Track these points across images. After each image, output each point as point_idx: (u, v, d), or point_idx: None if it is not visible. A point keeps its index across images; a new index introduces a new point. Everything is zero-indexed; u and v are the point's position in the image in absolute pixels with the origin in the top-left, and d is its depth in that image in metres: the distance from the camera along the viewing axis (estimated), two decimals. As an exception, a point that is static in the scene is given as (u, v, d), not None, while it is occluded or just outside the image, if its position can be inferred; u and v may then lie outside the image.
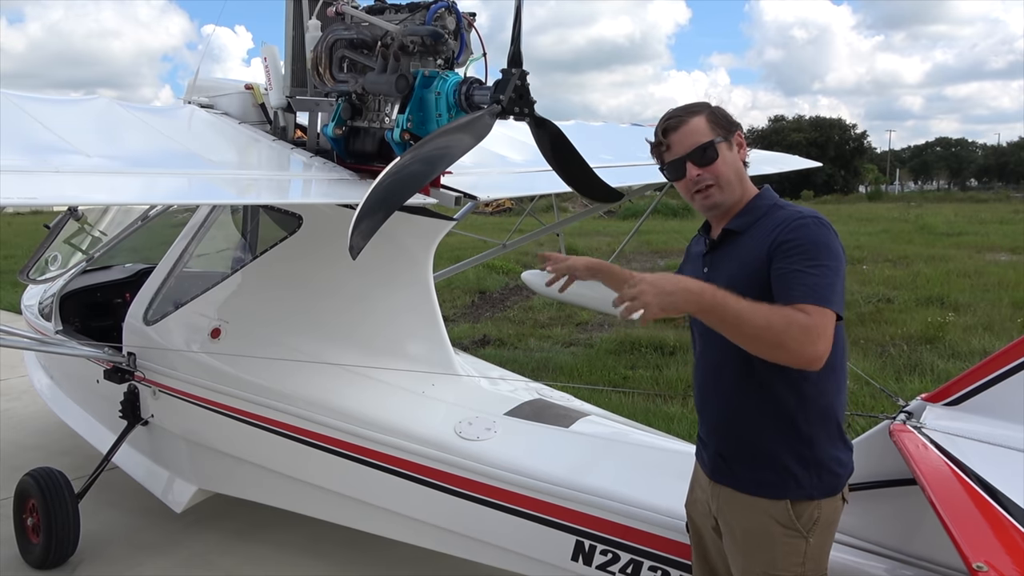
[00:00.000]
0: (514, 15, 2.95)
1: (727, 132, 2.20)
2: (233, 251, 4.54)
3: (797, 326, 1.87)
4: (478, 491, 2.98)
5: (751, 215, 2.18)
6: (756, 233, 2.12)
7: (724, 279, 2.08)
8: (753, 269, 2.06)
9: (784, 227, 2.05)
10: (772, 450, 2.10)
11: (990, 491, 1.96)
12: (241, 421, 3.69)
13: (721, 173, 2.18)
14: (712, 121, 2.19)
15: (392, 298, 3.73)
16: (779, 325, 1.86)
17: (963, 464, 2.08)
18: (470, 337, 9.34)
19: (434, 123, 3.09)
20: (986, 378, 2.27)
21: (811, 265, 1.96)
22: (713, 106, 2.24)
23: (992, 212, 31.74)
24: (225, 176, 3.26)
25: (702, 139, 2.17)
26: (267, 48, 3.68)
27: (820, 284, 1.94)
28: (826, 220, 2.07)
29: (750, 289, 2.00)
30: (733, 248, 2.18)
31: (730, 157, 2.20)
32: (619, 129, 7.29)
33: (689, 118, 2.19)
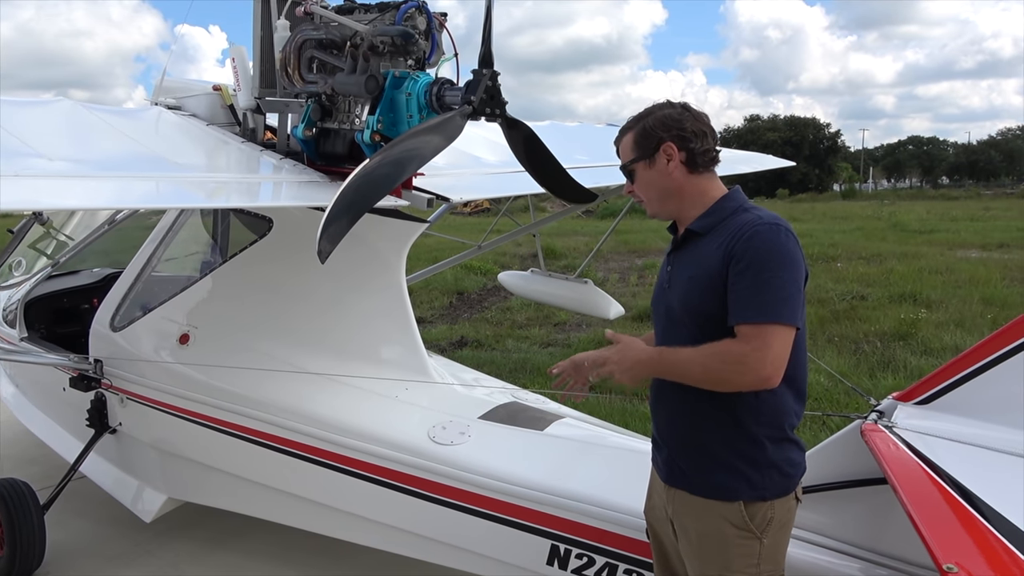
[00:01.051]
0: (484, 15, 2.93)
1: (647, 151, 2.17)
2: (202, 255, 4.47)
3: (732, 361, 1.95)
4: (452, 496, 2.95)
5: (714, 217, 2.17)
6: (715, 237, 2.11)
7: (684, 280, 2.15)
8: (709, 275, 2.07)
9: (738, 236, 2.03)
10: (724, 453, 2.10)
11: (961, 491, 1.96)
12: (211, 428, 3.62)
13: (645, 191, 2.22)
14: (635, 141, 2.19)
15: (364, 302, 3.68)
16: (715, 366, 1.97)
17: (934, 464, 2.08)
18: (448, 339, 9.30)
19: (405, 124, 3.06)
20: (956, 376, 2.28)
21: (757, 279, 1.96)
22: (649, 117, 2.19)
23: (963, 209, 32.24)
24: (193, 179, 3.20)
25: (625, 159, 2.23)
26: (235, 48, 3.61)
27: (765, 300, 1.94)
28: (784, 225, 2.05)
29: (706, 294, 2.06)
30: (694, 249, 2.18)
31: (648, 176, 2.19)
32: (594, 129, 7.27)
33: (623, 135, 2.24)
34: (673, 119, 2.17)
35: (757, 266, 1.97)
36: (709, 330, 2.06)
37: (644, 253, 16.77)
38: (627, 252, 17.00)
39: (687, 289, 2.13)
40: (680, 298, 2.15)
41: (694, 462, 2.15)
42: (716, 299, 2.04)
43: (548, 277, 6.85)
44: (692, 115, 2.19)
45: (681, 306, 2.15)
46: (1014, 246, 17.15)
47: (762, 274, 1.96)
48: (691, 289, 2.11)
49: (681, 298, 2.15)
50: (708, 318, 2.07)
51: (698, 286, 2.09)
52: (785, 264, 1.98)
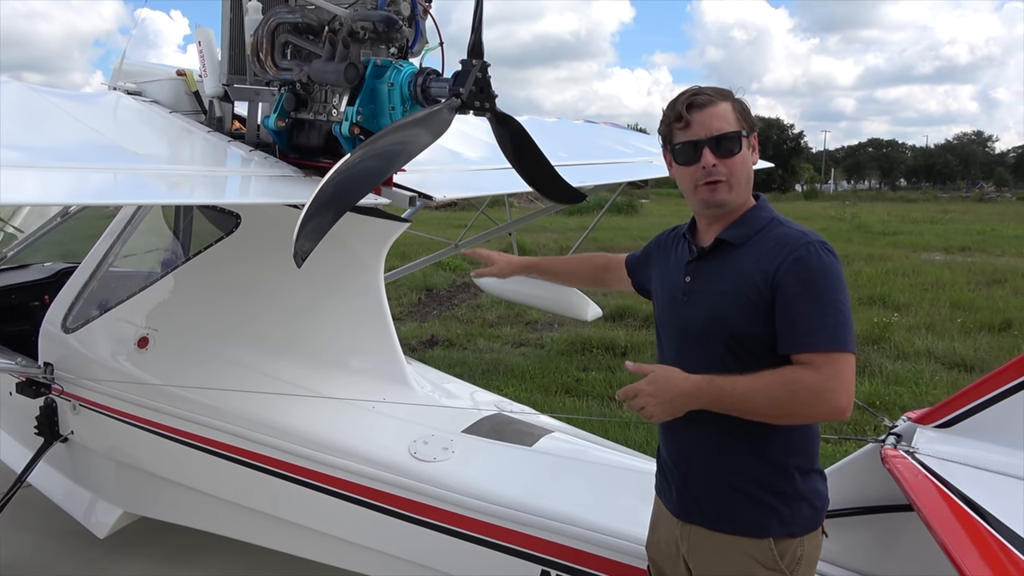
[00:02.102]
0: (475, 3, 2.73)
1: (749, 129, 2.00)
2: (164, 251, 4.19)
3: (804, 392, 1.78)
4: (435, 517, 2.75)
5: (748, 227, 1.99)
6: (753, 250, 1.94)
7: (712, 295, 1.97)
8: (747, 292, 1.90)
9: (789, 254, 1.87)
10: (750, 486, 1.94)
11: (994, 523, 1.84)
12: (172, 439, 3.37)
13: (737, 170, 1.98)
14: (739, 111, 1.99)
15: (340, 306, 3.45)
16: (784, 398, 1.79)
17: (963, 493, 1.95)
18: (418, 337, 9.08)
19: (386, 116, 2.85)
20: (979, 400, 2.15)
21: (820, 303, 1.82)
22: (739, 97, 2.03)
23: (922, 212, 32.93)
24: (154, 171, 2.94)
25: (728, 127, 1.96)
26: (201, 31, 3.36)
27: (832, 325, 1.80)
28: (830, 245, 1.92)
29: (741, 314, 1.90)
30: (725, 262, 1.99)
31: (747, 157, 2.01)
32: (572, 126, 7.12)
33: (719, 100, 1.98)
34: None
35: (817, 289, 1.83)
36: (736, 349, 1.91)
37: (614, 251, 16.63)
38: (596, 250, 16.85)
39: (717, 305, 1.95)
40: (707, 314, 1.97)
41: (715, 495, 1.97)
42: (754, 318, 1.88)
43: (524, 276, 6.67)
44: None
45: (707, 322, 1.96)
46: (975, 249, 17.48)
47: (824, 298, 1.83)
48: (723, 305, 1.93)
49: (708, 314, 1.97)
50: (738, 337, 1.91)
51: (733, 303, 1.91)
52: (842, 287, 1.86)
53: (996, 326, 9.28)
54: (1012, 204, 45.27)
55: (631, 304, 10.59)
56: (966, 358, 7.90)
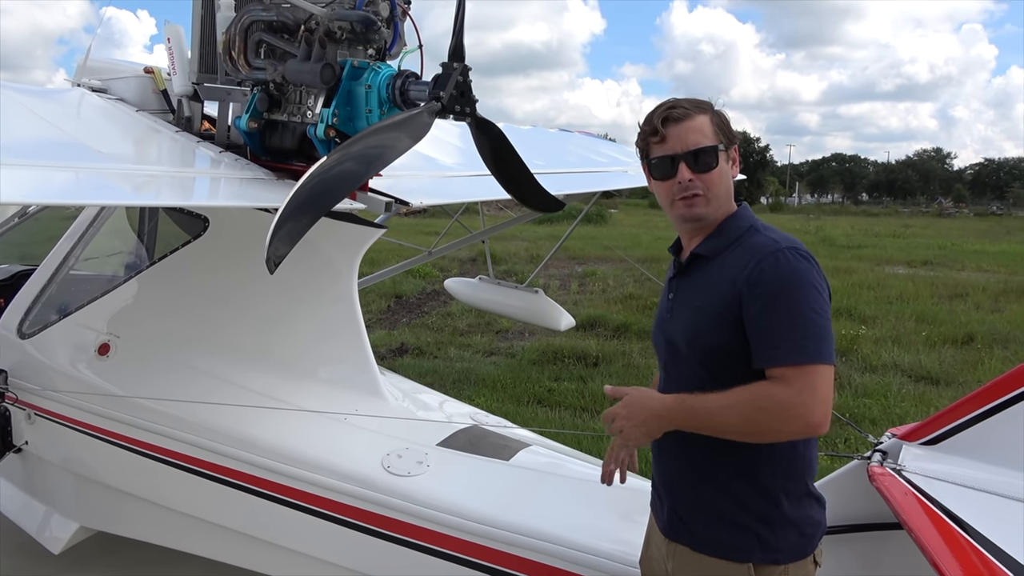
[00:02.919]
0: (456, 4, 2.67)
1: (728, 142, 1.96)
2: (127, 254, 4.04)
3: (775, 408, 1.72)
4: (410, 534, 2.65)
5: (723, 238, 1.96)
6: (726, 262, 1.90)
7: (690, 310, 1.95)
8: (719, 305, 1.86)
9: (756, 264, 1.82)
10: (734, 508, 1.89)
11: (983, 542, 1.81)
12: (133, 451, 3.23)
13: (714, 185, 1.93)
14: (717, 124, 1.95)
15: (312, 314, 3.35)
16: (754, 415, 1.74)
17: (951, 511, 1.92)
18: (387, 345, 8.95)
19: (363, 119, 2.77)
20: (965, 417, 2.14)
21: (787, 313, 1.76)
22: (720, 112, 1.99)
23: (884, 226, 33.60)
24: (119, 171, 2.82)
25: (704, 141, 1.92)
26: (171, 28, 3.24)
27: (801, 336, 1.74)
28: (804, 249, 1.86)
29: (715, 327, 1.86)
30: (700, 276, 1.96)
31: (726, 170, 1.97)
32: (547, 134, 7.09)
33: (695, 114, 1.94)
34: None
35: (785, 299, 1.77)
36: (713, 365, 1.88)
37: (584, 260, 16.72)
38: (567, 259, 16.89)
39: (693, 320, 1.92)
40: (684, 330, 1.95)
41: (699, 516, 1.93)
42: (726, 332, 1.84)
43: (497, 285, 6.61)
44: None
45: (685, 339, 1.94)
46: (937, 263, 17.84)
47: (791, 306, 1.76)
48: (697, 320, 1.91)
49: (686, 330, 1.94)
50: (715, 352, 1.87)
51: (706, 317, 1.88)
52: (814, 295, 1.78)
53: (959, 339, 9.44)
54: (970, 220, 46.44)
55: (602, 314, 10.60)
56: (932, 371, 8.01)
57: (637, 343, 9.27)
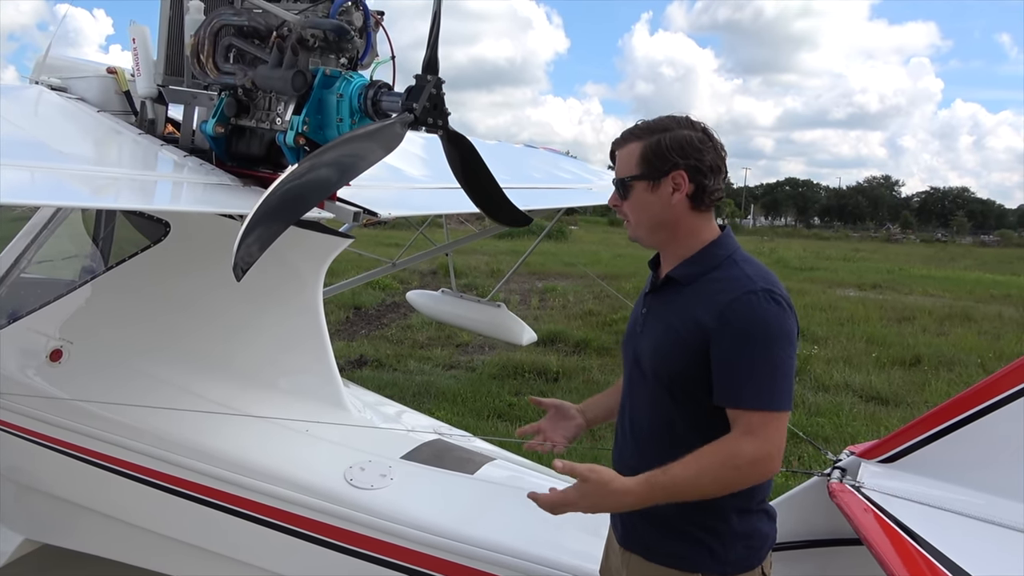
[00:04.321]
0: (432, 17, 2.68)
1: (654, 171, 1.91)
2: (82, 258, 3.93)
3: (747, 465, 1.76)
4: (373, 548, 2.61)
5: (699, 266, 1.94)
6: (699, 291, 1.90)
7: (659, 330, 1.96)
8: (687, 333, 1.86)
9: (728, 302, 1.82)
10: (683, 522, 1.90)
11: (940, 559, 1.86)
12: (83, 461, 3.13)
13: (633, 213, 1.97)
14: (643, 154, 1.92)
15: (275, 323, 3.30)
16: (730, 476, 1.77)
17: (908, 528, 1.97)
18: (345, 357, 8.84)
19: (334, 128, 2.75)
20: (921, 436, 2.20)
21: (755, 358, 1.77)
22: (668, 133, 1.92)
23: (835, 249, 34.44)
24: (77, 172, 2.75)
25: (623, 171, 1.96)
26: (137, 28, 3.18)
27: (769, 385, 1.77)
28: (779, 292, 1.86)
29: (679, 357, 1.87)
30: (673, 299, 1.96)
31: (648, 200, 1.93)
32: (513, 149, 7.12)
33: (628, 141, 1.97)
34: (693, 146, 1.90)
35: (753, 343, 1.78)
36: (675, 391, 1.90)
37: (545, 276, 16.78)
38: (528, 274, 16.93)
39: (661, 343, 1.93)
40: (651, 350, 1.96)
41: (652, 528, 1.95)
42: (692, 361, 1.84)
43: (459, 299, 6.61)
44: (713, 145, 1.94)
45: (650, 358, 1.95)
46: (886, 287, 18.33)
47: (762, 353, 1.77)
48: (665, 344, 1.92)
49: (652, 350, 1.95)
50: (676, 379, 1.89)
51: (672, 343, 1.89)
52: (784, 341, 1.80)
53: (907, 361, 9.70)
54: (917, 246, 47.95)
55: (562, 330, 10.63)
56: (881, 391, 8.21)
57: (597, 359, 9.33)
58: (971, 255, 36.11)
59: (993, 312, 14.38)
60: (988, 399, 2.03)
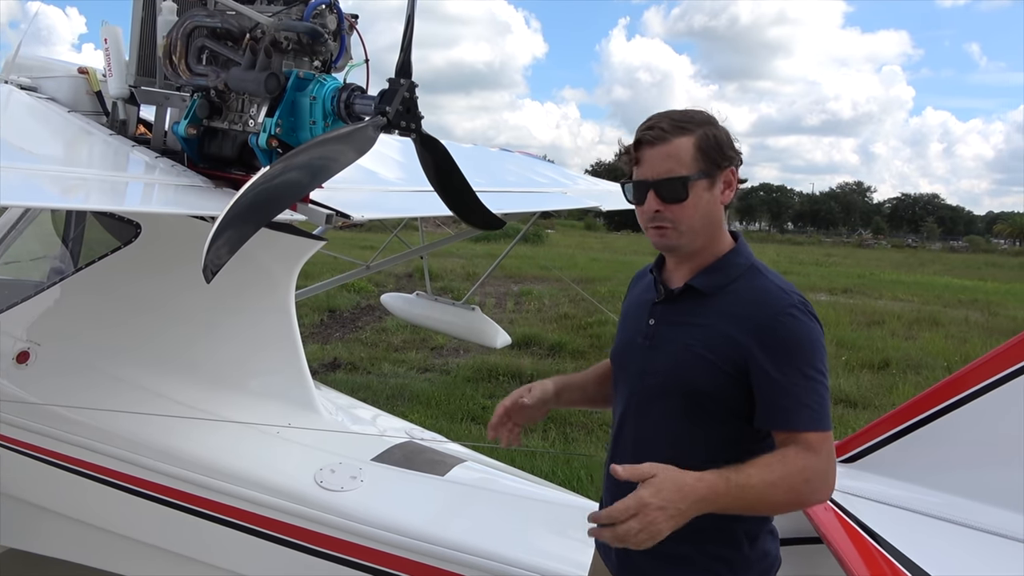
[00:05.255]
0: (405, 21, 2.69)
1: (714, 167, 1.77)
2: (51, 259, 3.89)
3: (818, 479, 1.65)
4: (342, 550, 2.62)
5: (723, 274, 1.80)
6: (726, 304, 1.75)
7: (677, 348, 1.79)
8: (716, 354, 1.72)
9: (771, 316, 1.69)
10: (693, 551, 1.76)
11: (899, 557, 1.91)
12: (51, 464, 3.10)
13: (685, 218, 1.77)
14: (700, 149, 1.75)
15: (246, 325, 3.29)
16: (802, 488, 1.65)
17: (868, 527, 2.03)
18: (319, 360, 8.81)
19: (307, 131, 2.76)
20: (880, 437, 2.26)
21: (807, 376, 1.67)
22: (712, 127, 1.79)
23: (808, 254, 34.89)
24: (47, 172, 2.73)
25: (677, 170, 1.75)
26: (108, 29, 3.16)
27: (819, 403, 1.67)
28: (810, 305, 1.75)
29: (707, 376, 1.73)
30: (695, 312, 1.80)
31: (705, 200, 1.77)
32: (489, 153, 7.15)
33: (673, 136, 1.76)
34: (732, 143, 1.80)
35: (802, 360, 1.67)
36: (695, 410, 1.76)
37: (520, 279, 16.82)
38: (503, 277, 16.96)
39: (682, 360, 1.77)
40: (669, 367, 1.80)
41: (655, 557, 1.72)
42: (721, 383, 1.72)
43: (434, 302, 6.62)
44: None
45: (668, 376, 1.80)
46: (856, 292, 18.60)
47: (812, 373, 1.67)
48: (688, 362, 1.76)
49: (671, 367, 1.79)
50: (699, 398, 1.75)
51: (700, 362, 1.74)
52: (823, 357, 1.71)
53: (876, 364, 9.86)
54: (888, 251, 48.67)
55: (537, 333, 10.67)
56: (850, 394, 8.34)
57: (571, 362, 9.37)
58: (940, 260, 36.76)
59: (960, 316, 14.66)
60: (945, 400, 2.09)
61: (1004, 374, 1.96)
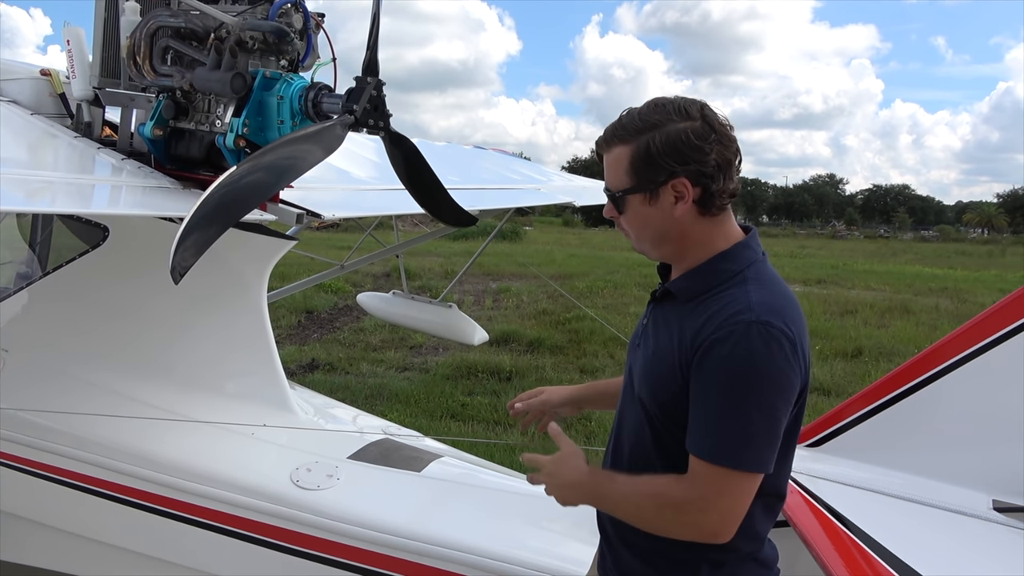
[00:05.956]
0: (372, 19, 2.70)
1: (648, 182, 1.63)
2: (17, 264, 3.84)
3: (670, 508, 1.58)
4: (320, 548, 2.63)
5: (701, 281, 1.67)
6: (694, 313, 1.63)
7: (647, 353, 1.75)
8: (670, 364, 1.64)
9: (712, 332, 1.55)
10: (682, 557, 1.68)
11: (863, 538, 1.95)
12: (24, 472, 3.06)
13: (633, 229, 1.71)
14: (633, 163, 1.64)
15: (218, 327, 3.28)
16: (650, 512, 1.62)
17: (833, 509, 2.07)
18: (297, 361, 8.77)
19: (275, 130, 2.75)
20: (844, 421, 2.31)
21: (724, 404, 1.53)
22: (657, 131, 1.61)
23: (783, 246, 35.21)
24: (10, 176, 2.70)
25: (613, 182, 1.68)
26: (71, 30, 3.13)
27: (725, 436, 1.52)
28: (780, 326, 1.54)
29: (660, 385, 1.66)
30: (667, 319, 1.72)
31: (644, 213, 1.67)
32: (462, 150, 7.16)
33: (614, 144, 1.67)
34: (691, 144, 1.60)
35: (727, 386, 1.52)
36: (654, 420, 1.70)
37: (499, 276, 16.84)
38: (482, 275, 16.97)
39: (650, 365, 1.72)
40: (641, 370, 1.76)
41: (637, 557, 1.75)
42: (671, 394, 1.64)
43: (411, 300, 6.61)
44: (717, 136, 1.63)
45: (639, 379, 1.76)
46: (830, 282, 18.84)
47: (730, 399, 1.52)
48: (654, 367, 1.70)
49: (641, 371, 1.75)
50: (655, 408, 1.69)
51: (657, 370, 1.68)
52: (763, 387, 1.52)
53: (849, 353, 10.01)
54: (860, 242, 49.39)
55: (515, 329, 10.70)
56: (824, 383, 8.46)
57: (550, 358, 9.41)
58: (911, 250, 37.36)
59: (931, 304, 14.90)
60: (905, 384, 2.14)
61: (962, 356, 2.01)
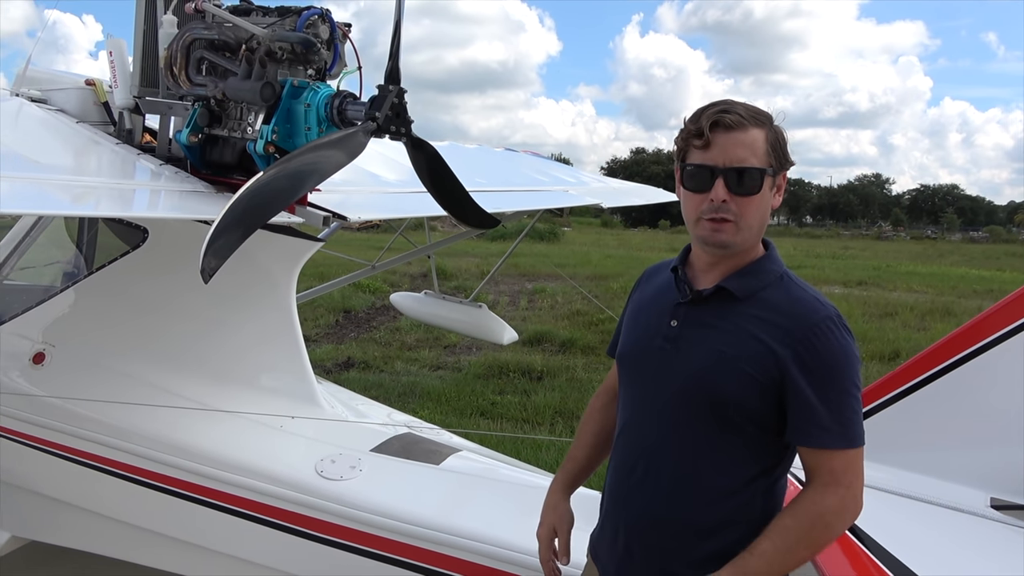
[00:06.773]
0: (393, 29, 2.81)
1: (779, 166, 1.73)
2: (64, 264, 4.05)
3: (835, 518, 1.64)
4: (342, 536, 2.74)
5: (757, 279, 1.74)
6: (758, 310, 1.70)
7: (706, 352, 1.72)
8: (749, 363, 1.66)
9: (809, 328, 1.65)
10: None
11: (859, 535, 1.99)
12: (68, 459, 3.25)
13: (750, 213, 1.70)
14: (772, 144, 1.70)
15: (249, 324, 3.42)
16: (822, 536, 1.65)
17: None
18: (334, 359, 8.97)
19: (302, 136, 2.88)
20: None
21: (841, 394, 1.65)
22: (775, 128, 1.73)
23: (825, 247, 34.71)
24: (57, 181, 2.87)
25: (752, 160, 1.67)
26: (113, 41, 3.31)
27: (850, 420, 1.65)
28: (844, 319, 1.72)
29: (737, 385, 1.67)
30: (726, 316, 1.72)
31: (767, 199, 1.73)
32: (493, 153, 7.25)
33: (750, 125, 1.68)
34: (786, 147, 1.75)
35: (839, 378, 1.65)
36: (722, 420, 1.70)
37: (535, 277, 16.92)
38: (517, 275, 17.09)
39: (710, 366, 1.70)
40: (696, 372, 1.72)
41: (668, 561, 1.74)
42: (752, 395, 1.66)
43: (442, 300, 6.73)
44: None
45: (695, 381, 1.72)
46: (871, 284, 18.52)
47: (844, 388, 1.65)
48: (718, 368, 1.69)
49: (698, 372, 1.71)
50: (726, 408, 1.69)
51: (731, 369, 1.67)
52: (858, 371, 1.69)
53: (887, 356, 9.86)
54: (907, 243, 48.26)
55: (548, 330, 10.77)
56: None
57: (582, 358, 9.47)
58: (959, 251, 36.40)
59: (974, 307, 14.54)
60: (904, 384, 2.17)
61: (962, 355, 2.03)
